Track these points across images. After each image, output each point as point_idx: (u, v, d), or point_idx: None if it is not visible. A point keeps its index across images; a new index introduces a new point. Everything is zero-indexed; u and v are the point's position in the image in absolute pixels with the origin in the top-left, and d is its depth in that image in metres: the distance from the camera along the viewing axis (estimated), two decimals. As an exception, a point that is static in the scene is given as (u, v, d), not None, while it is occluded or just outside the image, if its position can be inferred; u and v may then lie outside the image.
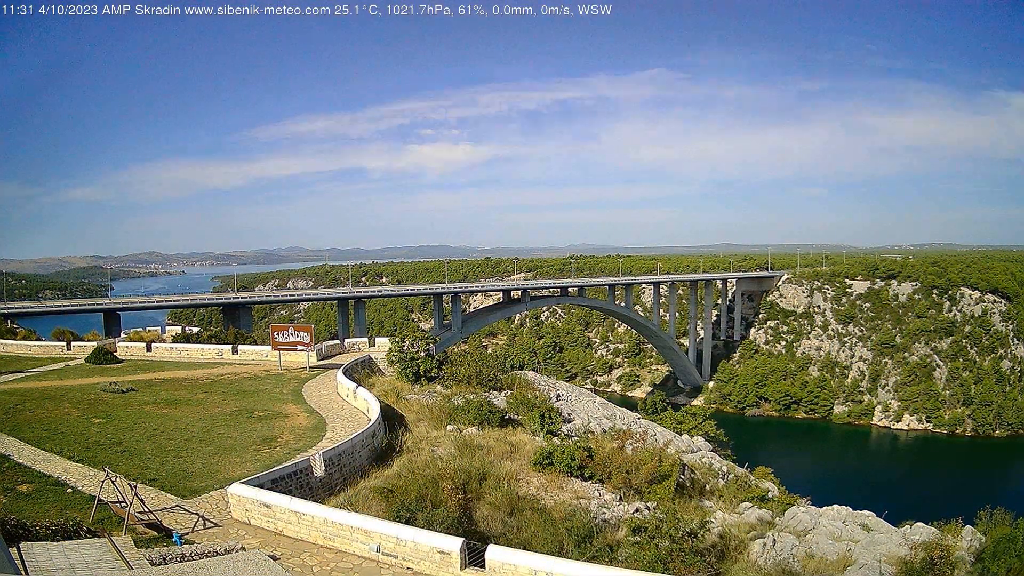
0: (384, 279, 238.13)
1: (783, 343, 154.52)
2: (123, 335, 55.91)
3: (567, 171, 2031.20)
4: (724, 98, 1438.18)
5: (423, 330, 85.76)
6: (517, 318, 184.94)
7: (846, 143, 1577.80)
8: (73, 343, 45.79)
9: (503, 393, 34.68)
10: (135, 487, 16.14)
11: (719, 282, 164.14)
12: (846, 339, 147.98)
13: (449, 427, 27.52)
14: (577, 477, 22.69)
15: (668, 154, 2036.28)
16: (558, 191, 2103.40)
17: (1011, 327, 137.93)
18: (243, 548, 14.23)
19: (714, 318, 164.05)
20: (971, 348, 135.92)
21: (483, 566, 13.44)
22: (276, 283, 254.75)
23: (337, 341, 48.63)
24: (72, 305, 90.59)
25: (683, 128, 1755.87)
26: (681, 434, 38.31)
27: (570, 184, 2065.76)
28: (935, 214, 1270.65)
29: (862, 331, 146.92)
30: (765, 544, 18.87)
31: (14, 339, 49.39)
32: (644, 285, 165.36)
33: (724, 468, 30.92)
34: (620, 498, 21.96)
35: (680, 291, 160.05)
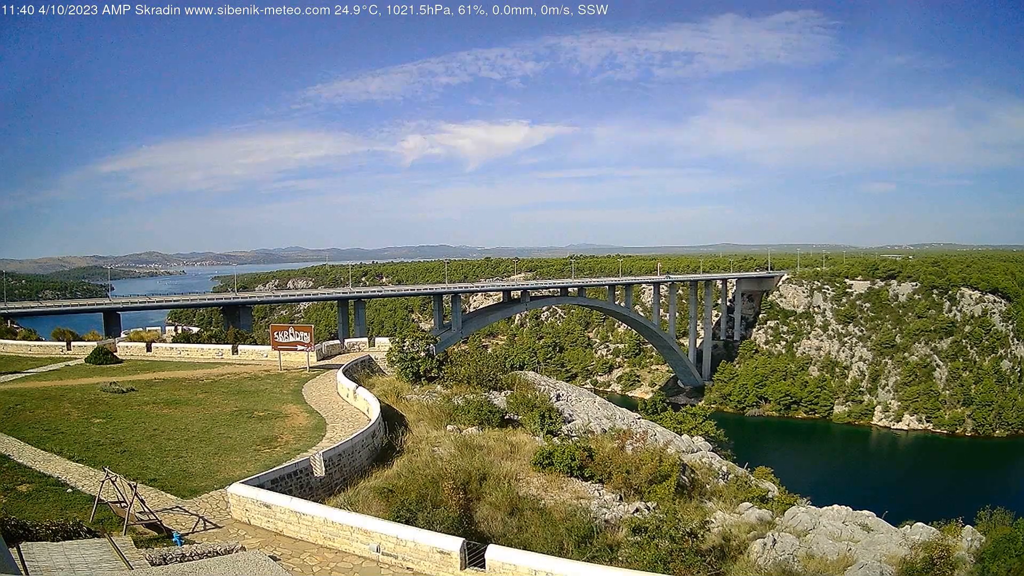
0: (384, 279, 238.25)
1: (783, 343, 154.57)
2: (123, 335, 55.96)
3: (631, 157, 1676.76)
4: (877, 66, 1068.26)
5: (423, 330, 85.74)
6: (517, 318, 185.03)
7: (956, 134, 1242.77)
8: (73, 343, 45.76)
9: (503, 393, 34.67)
10: (135, 487, 16.14)
11: (719, 282, 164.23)
12: (846, 339, 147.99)
13: (449, 427, 27.52)
14: (577, 477, 22.68)
15: (750, 139, 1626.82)
16: (610, 184, 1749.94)
17: (1011, 327, 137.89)
18: (243, 548, 14.23)
19: (714, 318, 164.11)
20: (971, 348, 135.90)
21: (483, 566, 13.44)
22: (276, 283, 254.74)
23: (337, 341, 48.63)
24: (72, 305, 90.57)
25: (792, 106, 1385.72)
26: (681, 434, 38.29)
27: (629, 172, 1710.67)
28: (936, 214, 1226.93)
29: (862, 331, 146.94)
30: (765, 544, 18.88)
31: (14, 339, 49.41)
32: (644, 285, 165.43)
33: (724, 468, 30.94)
34: (620, 498, 21.96)
35: (680, 291, 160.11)
